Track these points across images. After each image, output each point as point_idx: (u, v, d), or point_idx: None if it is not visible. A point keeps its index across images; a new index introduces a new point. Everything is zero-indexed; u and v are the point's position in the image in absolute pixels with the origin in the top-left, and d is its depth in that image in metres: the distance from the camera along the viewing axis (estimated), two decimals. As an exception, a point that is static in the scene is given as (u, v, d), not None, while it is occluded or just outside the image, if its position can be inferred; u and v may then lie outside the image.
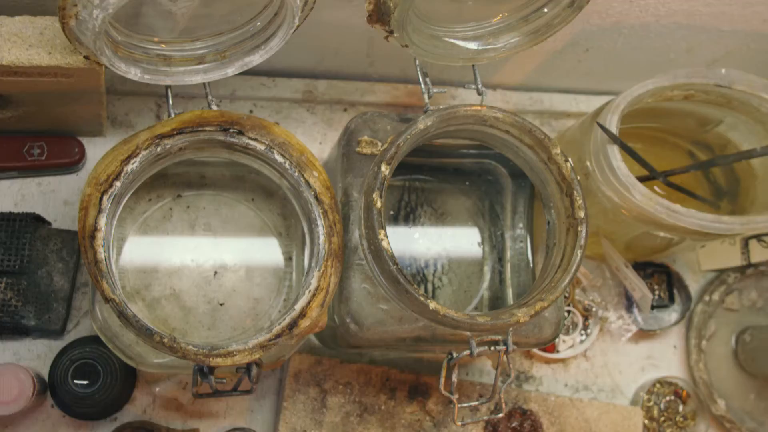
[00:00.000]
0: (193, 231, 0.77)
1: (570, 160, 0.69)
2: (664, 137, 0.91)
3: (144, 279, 0.75)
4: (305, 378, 0.79)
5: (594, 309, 0.90)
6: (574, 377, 0.90)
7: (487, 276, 0.82)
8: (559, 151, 0.69)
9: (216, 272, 0.76)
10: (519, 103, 0.93)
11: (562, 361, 0.90)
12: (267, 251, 0.78)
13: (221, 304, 0.76)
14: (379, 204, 0.64)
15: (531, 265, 0.78)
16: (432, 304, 0.63)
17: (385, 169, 0.65)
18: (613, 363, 0.92)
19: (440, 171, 0.82)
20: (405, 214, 0.81)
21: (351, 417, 0.79)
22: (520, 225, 0.81)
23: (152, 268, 0.75)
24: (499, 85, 0.93)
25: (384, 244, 0.64)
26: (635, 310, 0.91)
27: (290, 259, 0.78)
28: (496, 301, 0.82)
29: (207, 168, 0.78)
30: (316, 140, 0.87)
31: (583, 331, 0.90)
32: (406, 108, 0.89)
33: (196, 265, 0.76)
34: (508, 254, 0.82)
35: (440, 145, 0.78)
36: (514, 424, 0.83)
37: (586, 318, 0.90)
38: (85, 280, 0.79)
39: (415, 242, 0.80)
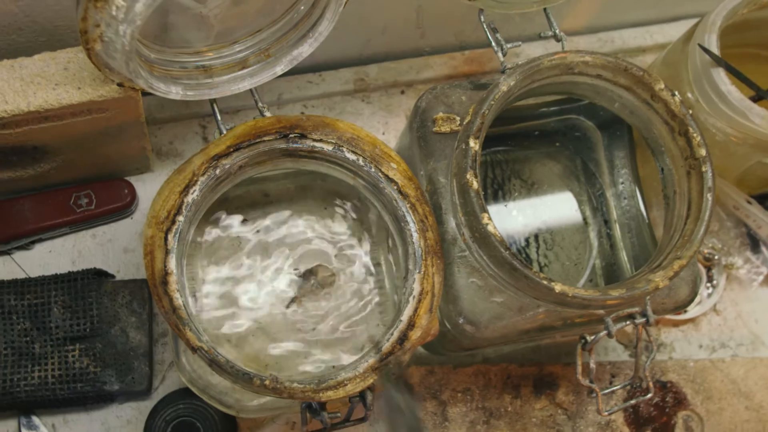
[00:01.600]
0: (267, 255, 0.70)
1: (677, 93, 0.60)
2: (756, 52, 0.81)
3: (226, 317, 0.67)
4: (420, 392, 0.71)
5: (716, 257, 0.80)
6: (708, 336, 0.81)
7: (595, 243, 0.73)
8: (663, 86, 0.60)
9: (301, 294, 0.69)
10: (588, 47, 0.83)
11: (692, 320, 0.80)
12: (352, 261, 0.71)
13: (313, 329, 0.68)
14: (475, 185, 0.56)
15: (647, 221, 0.69)
16: (558, 287, 0.55)
17: (474, 145, 0.57)
18: (747, 312, 0.82)
19: (521, 137, 0.74)
20: (493, 191, 0.72)
21: (477, 426, 0.71)
22: (622, 180, 0.72)
23: (232, 303, 0.68)
24: (563, 32, 0.83)
25: (490, 228, 0.55)
26: (763, 249, 0.81)
27: (378, 264, 0.70)
28: (611, 269, 0.73)
29: (268, 184, 0.71)
30: (379, 131, 0.79)
31: (708, 284, 0.81)
32: (467, 77, 0.81)
33: (279, 292, 0.68)
34: (614, 214, 0.73)
35: (518, 108, 0.69)
36: (655, 400, 0.74)
37: (708, 269, 0.81)
38: (162, 330, 0.72)
39: (512, 220, 0.71)
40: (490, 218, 0.55)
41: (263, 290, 0.68)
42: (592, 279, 0.72)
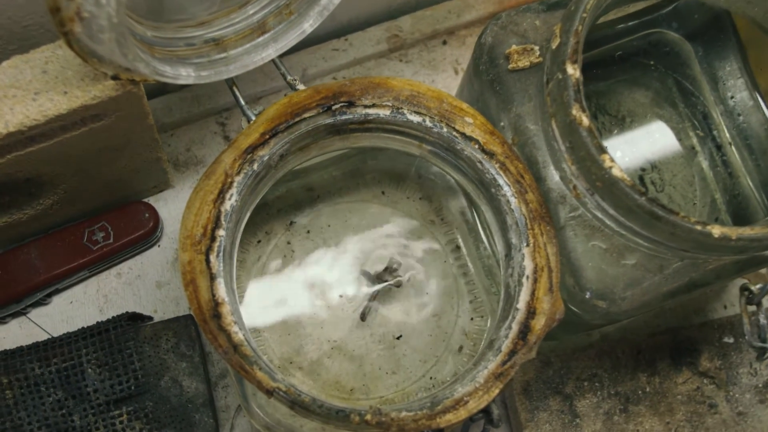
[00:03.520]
0: (326, 260, 0.58)
1: (809, -37, 0.48)
2: None
3: (291, 342, 0.56)
4: (538, 389, 0.59)
5: None
6: None
7: (710, 174, 0.61)
8: (791, -43, 0.48)
9: (376, 299, 0.57)
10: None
11: (832, 245, 0.68)
12: (425, 250, 0.59)
13: (397, 338, 0.56)
14: (585, 121, 0.44)
15: (780, 133, 0.57)
16: (716, 230, 0.43)
17: (573, 71, 0.44)
18: None
19: (600, 66, 0.61)
20: (581, 134, 0.60)
21: (614, 416, 0.58)
22: (732, 94, 0.60)
23: (296, 325, 0.56)
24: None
25: (616, 172, 0.43)
26: None
27: (458, 248, 0.58)
28: (735, 201, 0.60)
29: (311, 176, 0.59)
30: (427, 91, 0.67)
31: (844, 200, 0.68)
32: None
33: (348, 301, 0.57)
34: (727, 136, 0.60)
35: (593, 29, 0.57)
36: (816, 348, 0.62)
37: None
38: (220, 371, 0.60)
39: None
40: (612, 159, 0.43)
41: (330, 303, 0.57)
42: (717, 217, 0.60)
